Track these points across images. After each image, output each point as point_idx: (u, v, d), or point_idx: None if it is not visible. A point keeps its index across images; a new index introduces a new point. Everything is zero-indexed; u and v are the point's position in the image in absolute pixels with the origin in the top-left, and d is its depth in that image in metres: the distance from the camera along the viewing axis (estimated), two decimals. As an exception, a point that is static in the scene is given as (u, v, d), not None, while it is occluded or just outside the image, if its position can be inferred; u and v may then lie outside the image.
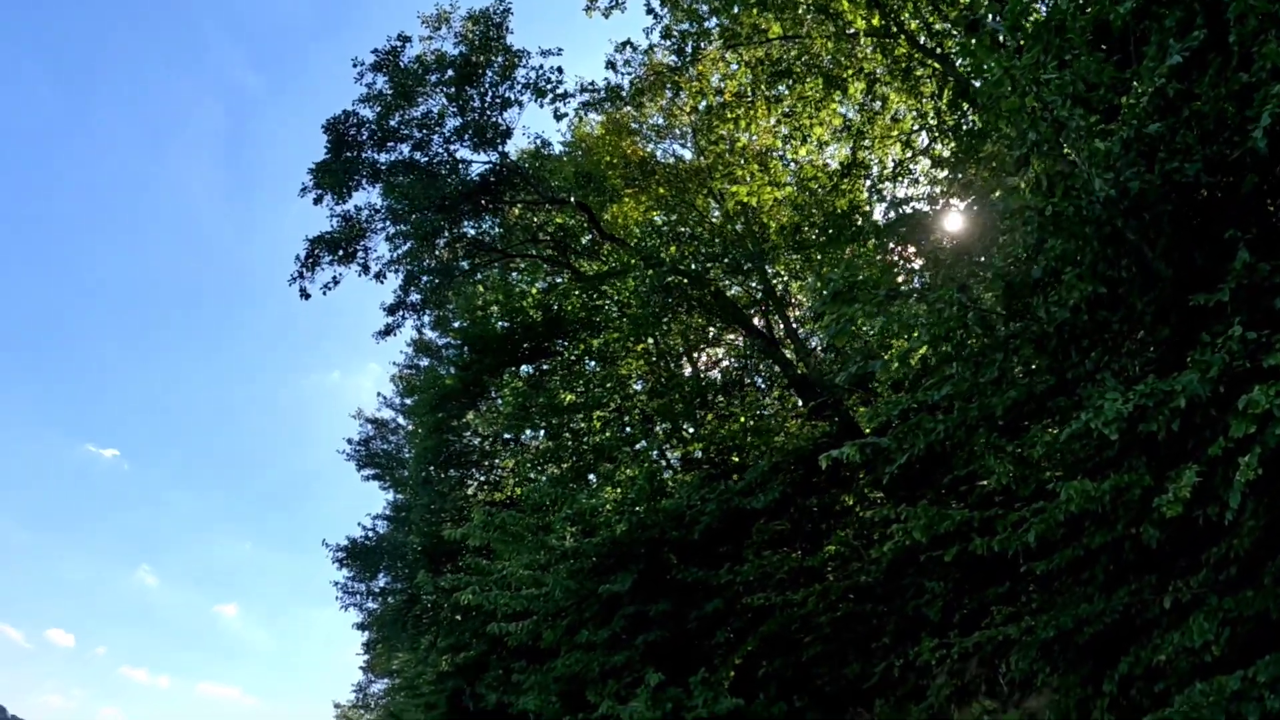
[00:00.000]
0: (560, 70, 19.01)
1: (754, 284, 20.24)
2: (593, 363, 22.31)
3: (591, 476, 20.52)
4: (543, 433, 23.20)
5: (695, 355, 23.00)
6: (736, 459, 18.85)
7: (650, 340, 21.93)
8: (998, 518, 9.67)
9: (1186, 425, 7.70)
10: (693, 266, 19.12)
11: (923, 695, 13.33)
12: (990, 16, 11.32)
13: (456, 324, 23.43)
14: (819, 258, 18.90)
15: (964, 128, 13.68)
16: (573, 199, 20.24)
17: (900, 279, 10.56)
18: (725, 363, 23.03)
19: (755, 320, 20.23)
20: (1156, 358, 8.72)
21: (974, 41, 10.11)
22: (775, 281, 20.51)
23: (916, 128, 16.42)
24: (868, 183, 16.96)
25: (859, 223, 15.12)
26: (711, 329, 21.91)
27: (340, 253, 20.48)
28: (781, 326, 20.42)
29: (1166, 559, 9.29)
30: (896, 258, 11.28)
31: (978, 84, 10.73)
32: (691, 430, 20.92)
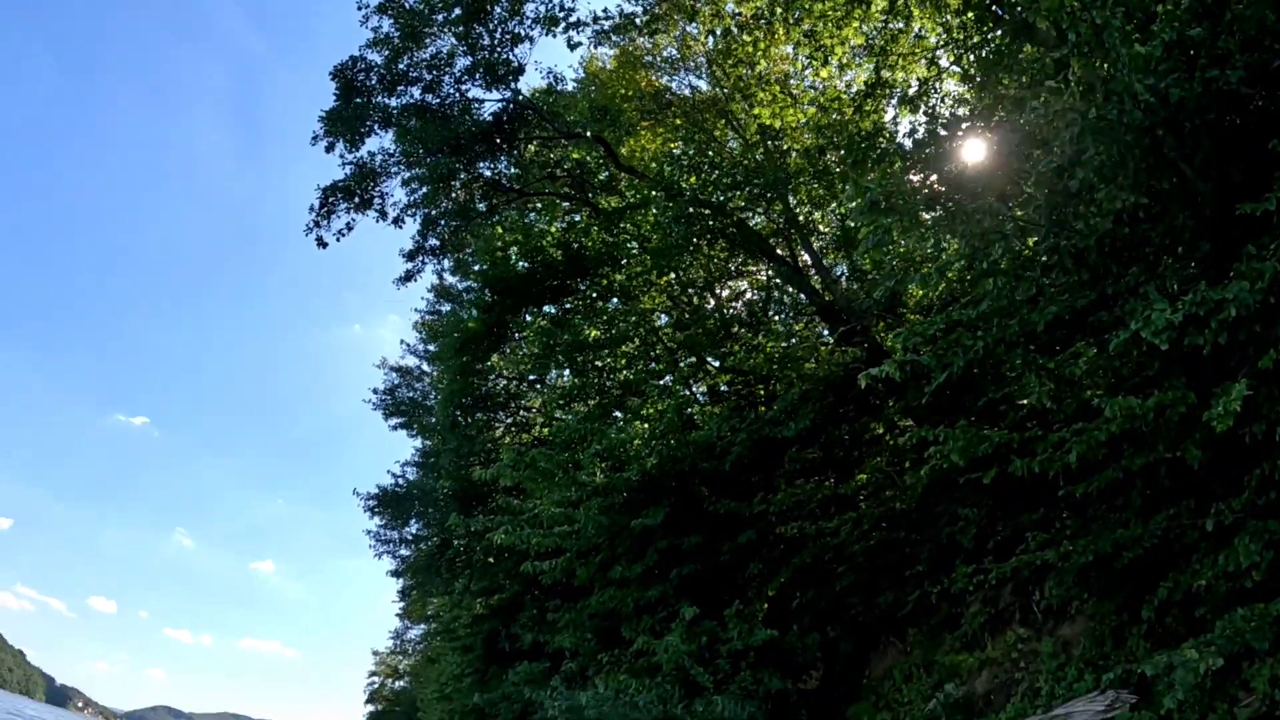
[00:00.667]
0: (573, -1, 18.48)
1: (776, 213, 19.86)
2: (615, 300, 22.08)
3: (618, 414, 20.43)
4: (568, 372, 23.10)
5: (718, 289, 22.71)
6: (763, 391, 18.68)
7: (672, 275, 21.65)
8: (1037, 439, 9.49)
9: (1232, 340, 7.46)
10: (714, 197, 18.75)
11: (956, 623, 13.28)
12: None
13: (476, 267, 23.22)
14: (842, 188, 18.54)
15: (990, 43, 13.20)
16: (589, 133, 19.85)
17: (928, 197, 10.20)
18: (749, 295, 22.72)
19: (779, 250, 19.88)
20: (1197, 274, 8.44)
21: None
22: (798, 210, 20.10)
23: (941, 45, 15.90)
24: (892, 102, 16.49)
25: (883, 145, 14.72)
26: (734, 262, 21.59)
27: (355, 199, 20.26)
28: (806, 256, 20.06)
29: (1205, 483, 9.11)
30: (921, 180, 10.94)
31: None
32: (717, 364, 20.73)
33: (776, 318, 21.81)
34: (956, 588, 12.47)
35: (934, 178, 10.06)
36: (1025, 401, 9.85)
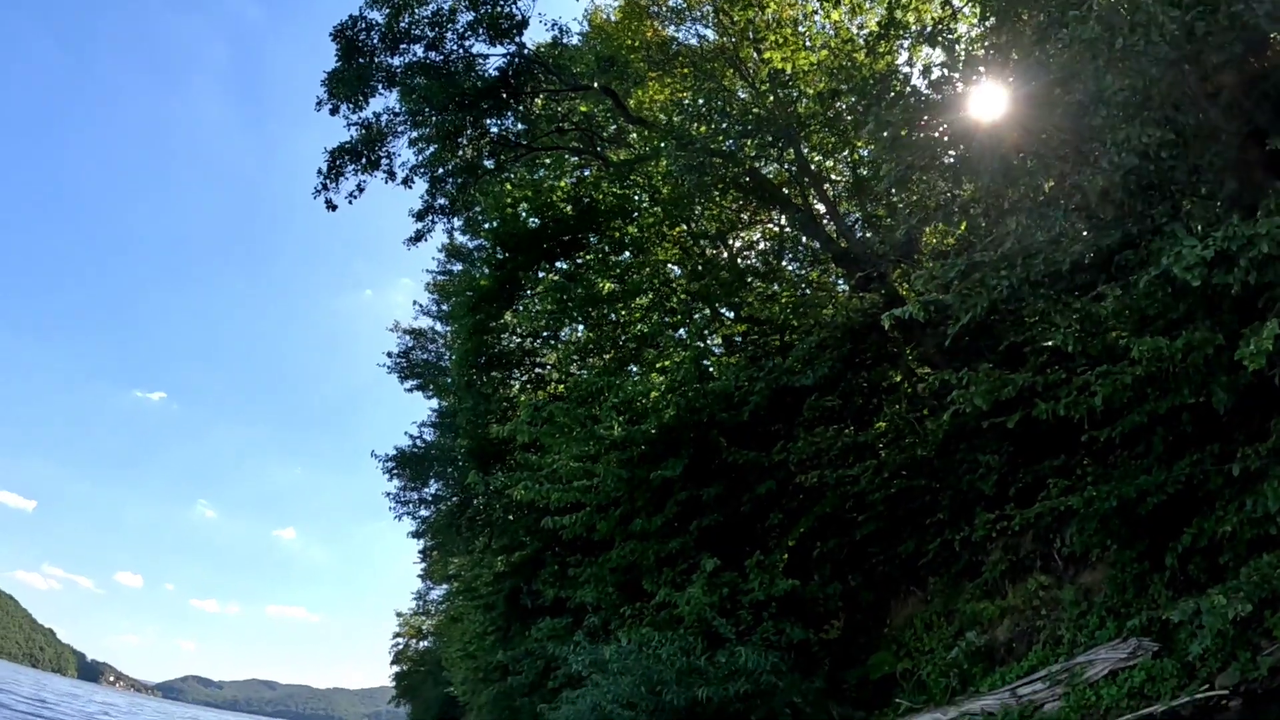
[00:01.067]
0: (577, -55, 18.13)
1: (788, 162, 19.56)
2: (627, 254, 21.88)
3: (634, 367, 20.32)
4: (582, 327, 22.98)
5: (730, 240, 22.47)
6: (780, 340, 18.52)
7: (684, 226, 21.42)
8: (1061, 383, 9.37)
9: (1261, 280, 7.32)
10: (724, 145, 18.46)
11: (977, 572, 13.26)
12: None
13: (486, 225, 23.00)
14: (855, 134, 18.24)
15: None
16: (596, 84, 19.57)
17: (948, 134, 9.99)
18: (762, 245, 22.48)
19: (792, 199, 19.60)
20: (1222, 213, 8.27)
21: None
22: (810, 158, 19.79)
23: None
24: (904, 44, 16.08)
25: (896, 88, 14.43)
26: (746, 211, 21.32)
27: (363, 161, 20.08)
28: (820, 205, 19.79)
29: (1230, 428, 9.00)
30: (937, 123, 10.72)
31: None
32: (731, 315, 20.57)
33: (791, 267, 21.59)
34: (977, 535, 12.44)
35: (953, 119, 9.88)
36: (1050, 343, 9.69)
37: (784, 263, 21.59)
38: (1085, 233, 9.33)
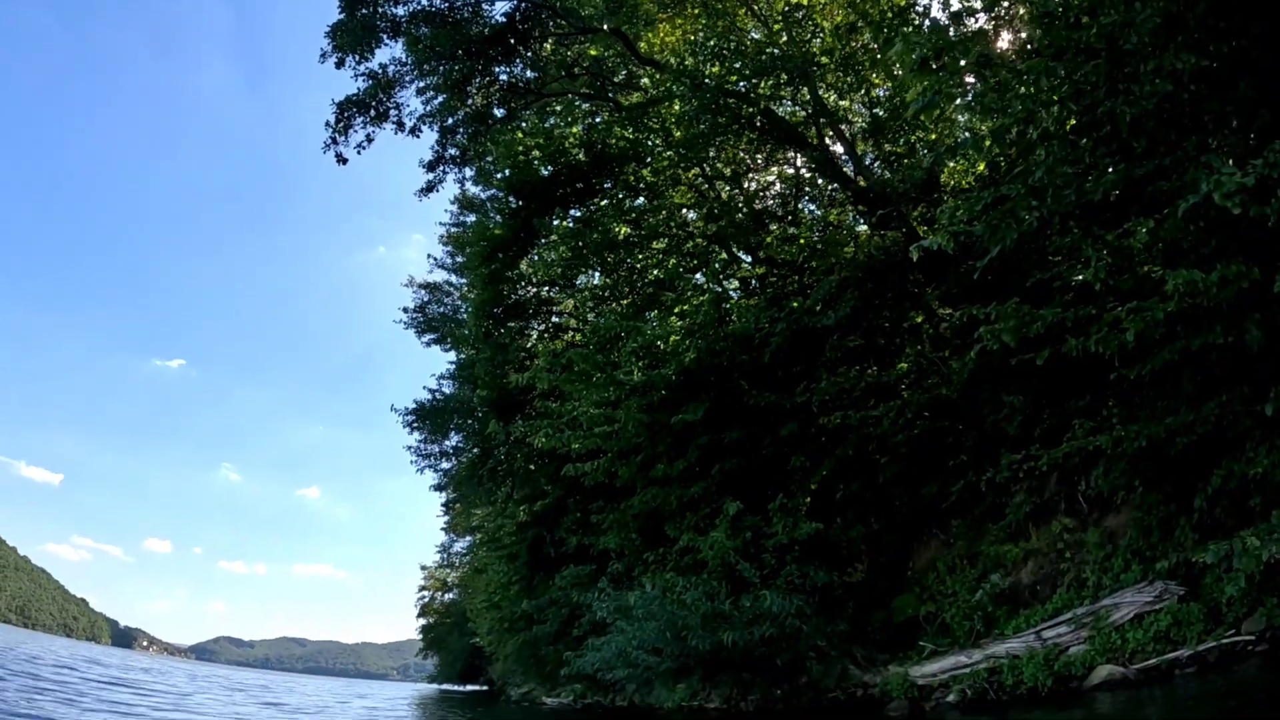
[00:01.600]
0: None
1: (803, 102, 19.18)
2: (641, 199, 21.61)
3: (652, 314, 20.14)
4: (598, 274, 22.81)
5: (745, 183, 22.12)
6: (798, 282, 18.30)
7: (698, 170, 21.09)
8: (1092, 319, 9.17)
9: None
10: (738, 84, 18.10)
11: (1000, 514, 13.17)
12: None
13: (498, 174, 22.75)
14: (872, 75, 17.87)
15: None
16: (605, 26, 19.18)
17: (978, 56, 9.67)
18: (777, 188, 22.12)
19: (809, 139, 19.23)
20: (1257, 144, 8.01)
21: None
22: (826, 97, 19.37)
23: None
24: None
25: (915, 22, 14.03)
26: (762, 153, 20.96)
27: (371, 112, 19.87)
28: (837, 147, 19.42)
29: (1258, 369, 8.82)
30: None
31: None
32: (749, 259, 20.33)
33: (809, 209, 21.26)
34: (1001, 477, 12.28)
35: (978, 47, 9.58)
36: (1082, 276, 9.45)
37: (801, 204, 21.24)
38: (1115, 165, 9.09)
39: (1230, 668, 8.62)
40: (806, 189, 21.06)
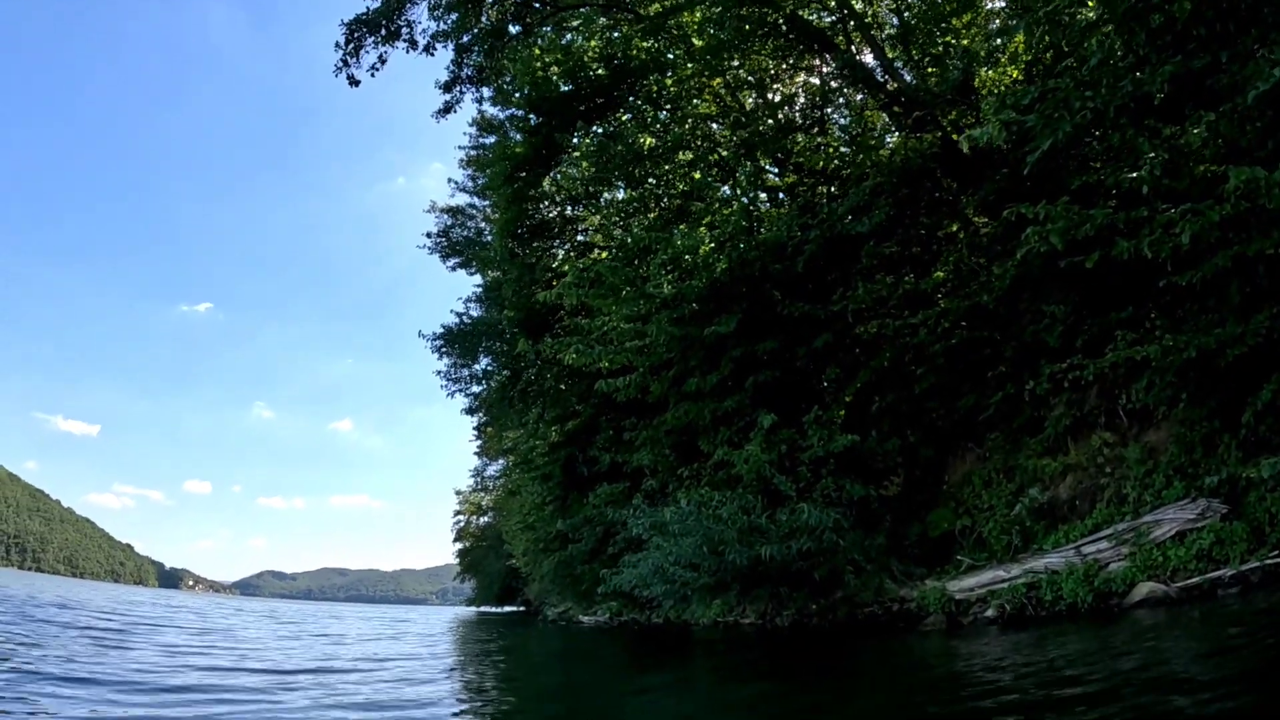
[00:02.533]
0: None
1: (830, 10, 18.39)
2: (664, 113, 20.98)
3: (678, 228, 19.70)
4: (622, 189, 22.28)
5: (771, 95, 21.37)
6: (828, 192, 17.77)
7: (720, 80, 20.37)
8: (1144, 220, 8.74)
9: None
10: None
11: (1038, 428, 12.91)
12: None
13: (517, 94, 22.17)
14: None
15: None
16: (624, -72, 18.41)
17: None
18: (803, 97, 21.34)
19: (837, 44, 18.43)
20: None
21: None
22: (853, 2, 18.50)
23: None
24: None
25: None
26: (788, 60, 20.16)
27: (382, 31, 19.29)
28: (868, 56, 18.60)
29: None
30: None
31: None
32: (776, 171, 19.74)
33: (837, 118, 20.54)
34: (1042, 389, 12.04)
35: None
36: (1135, 175, 8.96)
37: (830, 112, 20.51)
38: (1170, 58, 8.55)
39: (1273, 588, 8.44)
40: (835, 97, 20.32)
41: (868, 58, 18.53)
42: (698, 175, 19.60)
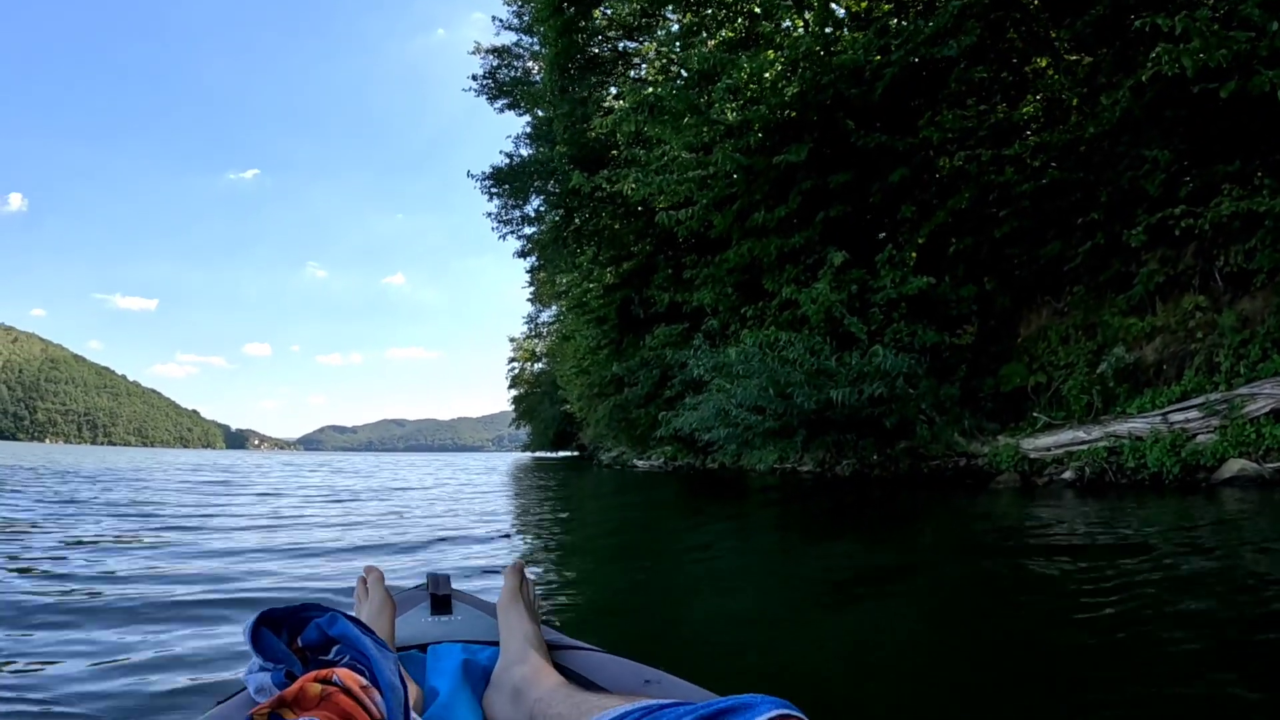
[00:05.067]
0: None
1: None
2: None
3: (744, 54, 18.32)
4: (676, 23, 20.71)
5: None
6: (910, 14, 16.26)
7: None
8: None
9: None
10: None
11: (1125, 284, 12.11)
12: None
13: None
14: None
15: None
16: None
17: None
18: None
19: None
20: None
21: None
22: None
23: None
24: None
25: None
26: None
27: None
28: None
29: None
30: None
31: None
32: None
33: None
34: (1139, 239, 11.15)
35: None
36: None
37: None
38: None
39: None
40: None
41: None
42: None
